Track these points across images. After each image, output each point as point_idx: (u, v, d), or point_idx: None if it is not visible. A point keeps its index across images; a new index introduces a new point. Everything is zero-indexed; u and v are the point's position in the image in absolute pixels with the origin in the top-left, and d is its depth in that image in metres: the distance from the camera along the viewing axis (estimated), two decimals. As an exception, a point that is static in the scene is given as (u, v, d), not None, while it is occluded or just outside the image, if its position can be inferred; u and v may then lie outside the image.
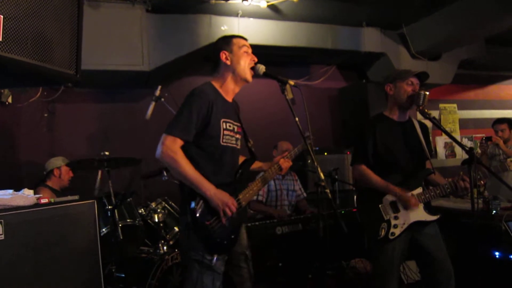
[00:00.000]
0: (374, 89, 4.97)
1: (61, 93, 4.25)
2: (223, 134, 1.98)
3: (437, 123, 2.43)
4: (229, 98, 2.09)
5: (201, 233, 1.85)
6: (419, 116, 2.67)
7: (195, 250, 1.87)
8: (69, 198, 2.59)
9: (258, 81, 4.87)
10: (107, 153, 3.01)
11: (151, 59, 4.06)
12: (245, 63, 2.05)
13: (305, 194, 4.20)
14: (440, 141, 6.25)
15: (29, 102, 4.15)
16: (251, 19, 4.28)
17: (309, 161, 4.47)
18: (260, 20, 4.30)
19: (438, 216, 2.46)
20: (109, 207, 2.94)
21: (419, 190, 2.46)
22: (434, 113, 6.32)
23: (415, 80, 2.50)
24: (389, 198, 2.45)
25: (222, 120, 1.98)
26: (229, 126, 2.02)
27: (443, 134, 6.10)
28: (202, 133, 1.92)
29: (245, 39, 2.12)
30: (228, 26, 4.13)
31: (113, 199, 2.96)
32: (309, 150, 2.07)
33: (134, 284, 2.91)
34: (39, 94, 4.17)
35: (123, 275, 2.93)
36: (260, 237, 3.19)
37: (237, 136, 2.10)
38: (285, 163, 2.28)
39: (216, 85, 2.05)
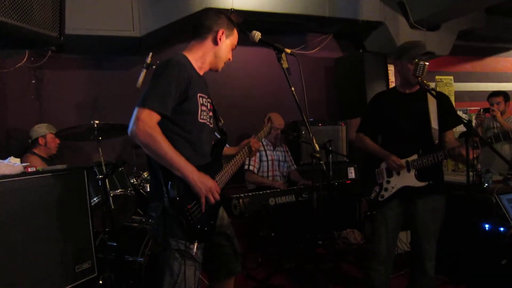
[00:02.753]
0: (371, 59, 4.88)
1: (49, 59, 4.11)
2: (201, 110, 1.83)
3: (434, 95, 2.40)
4: (201, 73, 1.94)
5: (181, 218, 1.68)
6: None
7: (175, 239, 1.71)
8: (58, 167, 2.55)
9: (250, 49, 4.79)
10: (96, 121, 2.93)
11: (142, 25, 3.92)
12: (226, 56, 1.97)
13: (295, 166, 4.19)
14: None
15: (15, 68, 4.00)
16: (246, -17, 4.10)
17: (303, 132, 4.43)
18: (255, -15, 4.13)
19: (427, 183, 2.49)
20: (100, 176, 2.89)
21: (414, 157, 2.51)
22: (430, 85, 6.24)
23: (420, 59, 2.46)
24: (385, 163, 2.59)
25: (199, 94, 1.83)
26: (205, 101, 1.89)
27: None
28: (179, 109, 1.73)
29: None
30: (223, -9, 3.95)
31: (103, 168, 2.91)
32: (304, 121, 2.01)
33: (126, 253, 2.91)
34: (25, 59, 4.02)
35: (115, 244, 2.92)
36: (253, 207, 3.19)
37: (211, 113, 1.96)
38: (255, 145, 2.18)
39: (191, 58, 1.88)
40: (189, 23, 4.09)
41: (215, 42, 1.91)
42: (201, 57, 1.91)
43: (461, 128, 2.44)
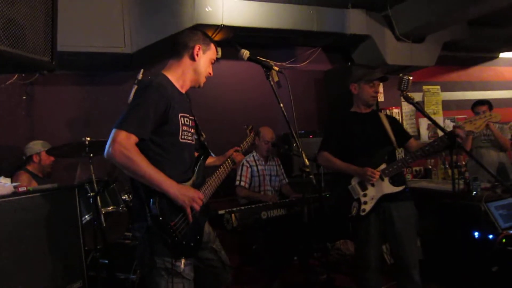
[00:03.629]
0: (359, 72, 4.96)
1: (40, 76, 4.12)
2: (182, 130, 1.84)
3: (419, 108, 2.49)
4: (183, 91, 1.96)
5: (166, 236, 1.68)
6: (403, 100, 2.72)
7: (161, 257, 1.71)
8: (49, 186, 2.55)
9: (241, 63, 4.84)
10: (88, 138, 2.94)
11: (133, 41, 3.94)
12: (206, 71, 1.98)
13: (287, 180, 4.21)
14: (423, 123, 6.31)
15: (5, 85, 4.00)
16: (236, 0, 4.17)
17: (294, 144, 4.46)
18: (245, 1, 4.19)
19: (404, 187, 2.61)
20: (91, 194, 2.89)
21: (382, 166, 2.61)
22: (418, 95, 6.35)
23: (376, 82, 2.72)
24: (356, 178, 2.64)
25: (180, 115, 1.84)
26: (186, 121, 1.89)
27: (426, 116, 6.13)
28: (159, 131, 1.75)
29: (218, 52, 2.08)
30: (212, 7, 4.01)
31: (95, 185, 2.91)
32: (293, 134, 2.05)
33: (118, 271, 2.90)
34: (16, 76, 4.02)
35: (107, 262, 2.91)
36: (246, 221, 3.20)
37: (192, 130, 1.96)
38: (238, 157, 2.19)
39: (172, 77, 1.89)
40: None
41: (193, 58, 1.92)
42: (182, 75, 1.92)
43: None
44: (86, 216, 3.00)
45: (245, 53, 2.01)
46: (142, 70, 3.12)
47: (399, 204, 2.59)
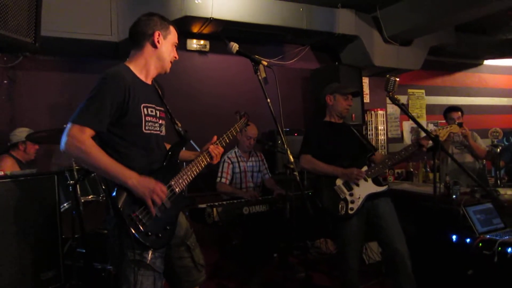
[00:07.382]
0: (346, 71, 4.98)
1: (23, 60, 4.02)
2: (145, 121, 1.77)
3: (405, 110, 2.52)
4: (148, 81, 1.89)
5: (129, 227, 1.61)
6: (389, 101, 2.76)
7: (129, 249, 1.65)
8: (27, 171, 2.50)
9: (229, 57, 4.80)
10: (70, 125, 2.88)
11: (120, 29, 3.89)
12: (170, 56, 1.92)
13: (270, 174, 4.20)
14: (407, 126, 6.40)
15: (-14, 68, 3.90)
16: (226, -7, 4.14)
17: (279, 141, 4.47)
18: (235, -5, 4.17)
19: (387, 186, 2.79)
20: (71, 182, 2.83)
21: (364, 168, 2.75)
22: (403, 98, 6.42)
23: (350, 96, 2.93)
24: (340, 180, 2.73)
25: (143, 105, 1.77)
26: (151, 111, 1.82)
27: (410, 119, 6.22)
28: (121, 122, 1.70)
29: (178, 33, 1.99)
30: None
31: (75, 174, 2.86)
32: (279, 131, 2.03)
33: (95, 260, 2.86)
34: (-3, 60, 3.93)
35: (84, 251, 2.86)
36: (227, 216, 3.19)
37: (161, 121, 1.89)
38: (216, 150, 2.06)
39: (134, 68, 1.83)
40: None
41: (154, 46, 1.85)
42: (145, 65, 1.86)
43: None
44: (65, 204, 2.95)
45: (234, 46, 2.00)
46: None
47: (381, 200, 2.72)
